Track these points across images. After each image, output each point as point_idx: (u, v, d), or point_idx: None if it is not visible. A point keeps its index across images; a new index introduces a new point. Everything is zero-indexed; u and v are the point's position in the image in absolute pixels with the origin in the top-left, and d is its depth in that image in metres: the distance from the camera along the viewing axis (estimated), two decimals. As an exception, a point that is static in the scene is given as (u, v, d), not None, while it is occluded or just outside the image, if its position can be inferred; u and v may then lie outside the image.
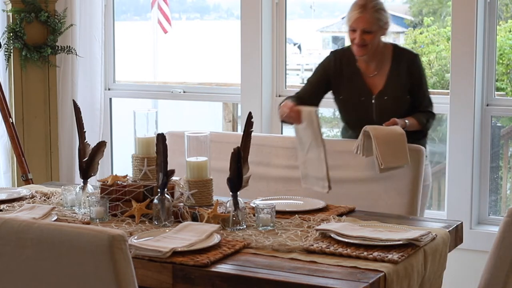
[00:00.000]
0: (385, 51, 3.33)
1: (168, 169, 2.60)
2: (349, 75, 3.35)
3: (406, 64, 3.32)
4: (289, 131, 4.92)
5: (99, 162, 2.90)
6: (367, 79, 3.34)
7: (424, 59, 5.46)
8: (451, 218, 3.77)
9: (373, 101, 3.32)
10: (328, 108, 5.43)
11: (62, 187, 2.94)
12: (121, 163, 4.91)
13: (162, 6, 6.47)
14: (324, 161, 3.12)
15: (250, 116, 2.73)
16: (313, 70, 3.49)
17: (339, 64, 3.36)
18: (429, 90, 3.41)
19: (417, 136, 3.32)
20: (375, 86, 3.34)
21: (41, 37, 4.64)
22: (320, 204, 2.90)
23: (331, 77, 3.37)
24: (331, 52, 3.44)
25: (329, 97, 3.46)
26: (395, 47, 3.38)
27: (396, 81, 3.31)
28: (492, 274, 2.19)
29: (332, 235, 2.43)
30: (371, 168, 3.22)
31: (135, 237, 2.39)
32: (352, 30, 3.26)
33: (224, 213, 2.59)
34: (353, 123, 3.38)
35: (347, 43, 3.44)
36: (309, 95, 3.36)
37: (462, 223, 2.73)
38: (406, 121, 3.24)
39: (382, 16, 3.26)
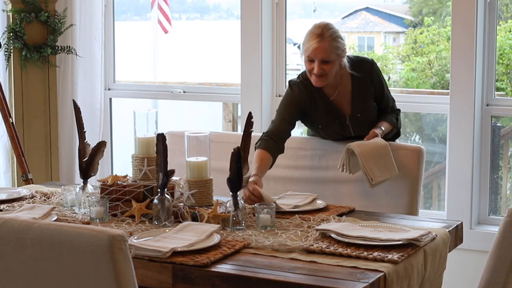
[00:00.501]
0: (342, 68, 3.25)
1: (168, 169, 2.60)
2: (321, 103, 3.28)
3: (365, 75, 3.28)
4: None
5: (99, 162, 2.90)
6: (334, 101, 3.29)
7: (424, 59, 5.47)
8: (451, 218, 3.77)
9: (347, 122, 3.31)
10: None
11: (62, 187, 2.94)
12: (121, 163, 4.91)
13: (162, 6, 6.47)
14: None
15: (250, 116, 2.73)
16: (283, 103, 3.31)
17: (311, 95, 3.27)
18: (388, 88, 3.40)
19: (391, 136, 3.35)
20: (344, 106, 3.30)
21: (41, 37, 4.64)
22: (320, 204, 2.90)
23: (307, 110, 3.29)
24: (296, 83, 3.29)
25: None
26: (350, 63, 3.27)
27: (361, 95, 3.30)
28: (492, 274, 2.19)
29: (332, 235, 2.43)
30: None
31: (135, 237, 2.39)
32: (310, 61, 3.15)
33: (224, 213, 2.59)
34: (332, 140, 3.38)
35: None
36: (285, 130, 3.24)
37: (462, 223, 2.73)
38: (383, 128, 3.26)
39: (340, 44, 3.15)
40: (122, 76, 5.22)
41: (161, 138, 2.62)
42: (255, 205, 2.65)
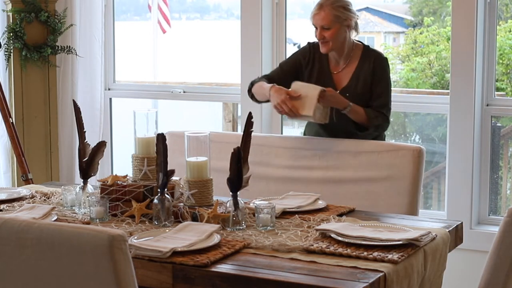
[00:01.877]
0: (355, 50, 3.45)
1: (168, 169, 2.60)
2: (318, 69, 3.45)
3: (372, 63, 3.42)
4: (289, 131, 4.93)
5: (99, 162, 2.90)
6: (333, 75, 3.45)
7: (424, 59, 5.46)
8: (451, 218, 3.77)
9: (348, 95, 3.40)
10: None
11: (62, 187, 2.94)
12: (121, 163, 4.91)
13: (161, 7, 6.47)
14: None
15: (250, 116, 2.73)
16: (288, 56, 3.60)
17: (312, 57, 3.47)
18: (390, 96, 3.42)
19: (359, 128, 3.39)
20: (340, 82, 3.45)
21: (41, 37, 4.64)
22: (320, 204, 2.90)
23: (303, 67, 3.48)
24: (308, 43, 3.53)
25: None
26: (365, 47, 3.47)
27: (360, 79, 3.41)
28: (492, 274, 2.19)
29: (332, 235, 2.43)
30: (371, 168, 3.22)
31: (135, 237, 2.39)
32: (315, 28, 3.40)
33: (224, 213, 2.59)
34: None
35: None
36: (279, 80, 3.43)
37: (462, 223, 2.73)
38: (351, 104, 3.31)
39: (341, 13, 3.37)
40: (122, 76, 5.21)
41: (161, 138, 2.62)
42: (255, 205, 2.65)
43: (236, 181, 2.61)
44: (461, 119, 3.89)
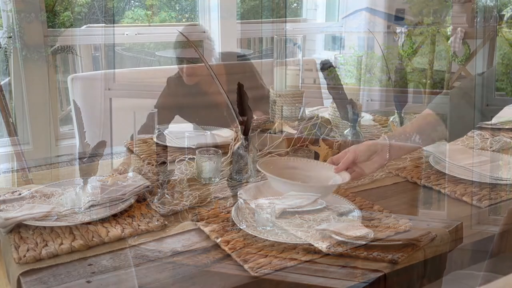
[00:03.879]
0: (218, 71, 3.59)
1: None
2: (199, 98, 3.59)
3: (238, 67, 3.61)
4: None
5: (99, 162, 2.90)
6: (212, 96, 3.61)
7: (424, 59, 5.47)
8: (451, 218, 3.77)
9: (225, 113, 3.44)
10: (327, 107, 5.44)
11: (62, 187, 2.94)
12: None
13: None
14: None
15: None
16: (165, 91, 3.72)
17: (178, 90, 3.61)
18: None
19: None
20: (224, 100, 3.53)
21: (41, 37, 4.64)
22: (320, 204, 2.90)
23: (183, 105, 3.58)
24: (173, 79, 3.69)
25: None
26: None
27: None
28: (492, 274, 2.19)
29: (332, 235, 2.43)
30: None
31: (135, 237, 2.39)
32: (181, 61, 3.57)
33: (224, 213, 2.59)
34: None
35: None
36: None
37: (462, 223, 2.73)
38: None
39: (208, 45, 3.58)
40: (122, 76, 5.21)
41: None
42: (255, 205, 2.65)
43: (237, 178, 2.61)
44: (460, 119, 3.89)
